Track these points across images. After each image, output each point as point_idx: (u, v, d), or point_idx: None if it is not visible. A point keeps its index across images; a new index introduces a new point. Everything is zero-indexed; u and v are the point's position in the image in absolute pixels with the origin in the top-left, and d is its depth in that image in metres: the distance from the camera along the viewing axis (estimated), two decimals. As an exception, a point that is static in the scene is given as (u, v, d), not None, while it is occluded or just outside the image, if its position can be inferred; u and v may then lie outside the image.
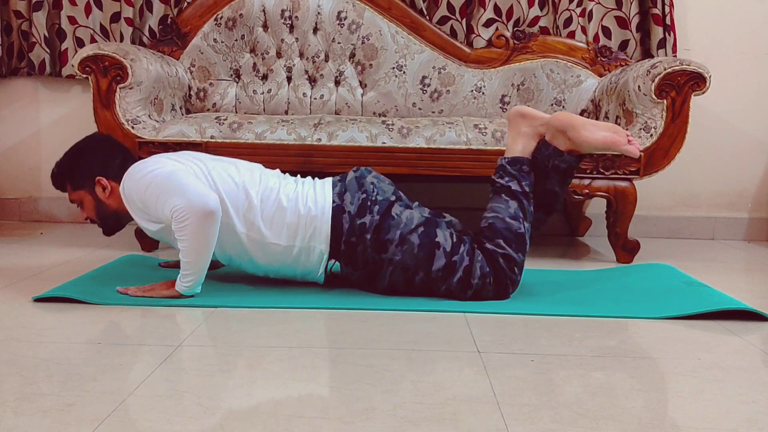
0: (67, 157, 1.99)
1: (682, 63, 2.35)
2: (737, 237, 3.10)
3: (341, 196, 1.86)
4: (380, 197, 1.86)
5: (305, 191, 1.88)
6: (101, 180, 1.93)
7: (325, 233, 1.84)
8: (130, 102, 2.43)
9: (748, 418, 1.16)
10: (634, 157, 1.92)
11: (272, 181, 1.90)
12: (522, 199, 1.88)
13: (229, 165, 1.91)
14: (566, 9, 2.90)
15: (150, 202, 1.79)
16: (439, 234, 1.84)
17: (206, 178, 1.83)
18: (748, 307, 1.77)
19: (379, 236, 1.83)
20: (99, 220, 1.99)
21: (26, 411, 1.13)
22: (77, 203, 1.99)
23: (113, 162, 1.96)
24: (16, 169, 3.18)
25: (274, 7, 2.83)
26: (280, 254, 1.86)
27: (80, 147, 2.00)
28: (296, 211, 1.84)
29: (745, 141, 3.07)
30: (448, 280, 1.83)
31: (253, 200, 1.84)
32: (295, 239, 1.84)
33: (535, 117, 1.92)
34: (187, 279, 1.79)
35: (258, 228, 1.83)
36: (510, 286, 1.85)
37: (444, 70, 2.86)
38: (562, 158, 1.88)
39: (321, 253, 1.86)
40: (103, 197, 1.94)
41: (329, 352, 1.46)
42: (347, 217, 1.83)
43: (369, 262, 1.85)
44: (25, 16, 3.01)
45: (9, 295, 1.85)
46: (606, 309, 1.79)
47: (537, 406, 1.19)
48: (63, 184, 1.99)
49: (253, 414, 1.14)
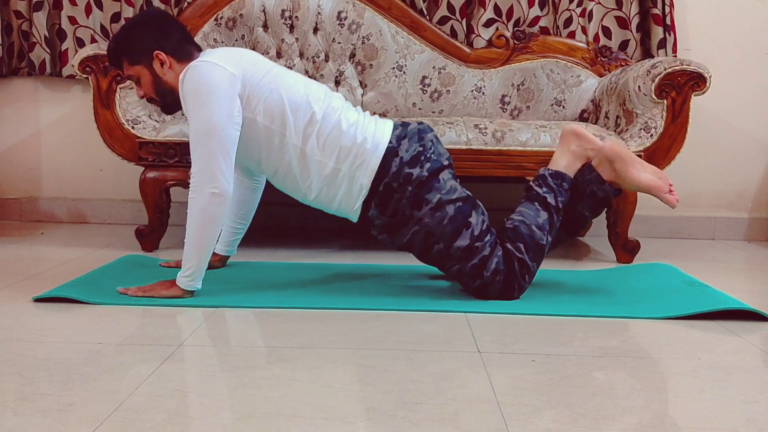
0: (123, 32, 1.91)
1: (682, 63, 2.35)
2: (737, 237, 3.10)
3: (399, 140, 1.85)
4: (434, 156, 1.85)
5: (366, 122, 1.88)
6: (159, 54, 1.88)
7: (372, 168, 1.82)
8: (130, 102, 2.43)
9: (748, 418, 1.16)
10: (672, 207, 1.94)
11: (336, 102, 1.90)
12: (553, 213, 1.89)
13: (298, 76, 1.92)
14: (566, 9, 2.90)
15: (188, 118, 1.81)
16: (474, 216, 1.84)
17: (271, 82, 1.83)
18: (748, 307, 1.77)
19: (420, 193, 1.82)
20: (158, 96, 1.94)
21: (26, 411, 1.13)
22: (134, 80, 1.94)
23: (171, 37, 1.90)
24: (16, 169, 3.18)
25: (274, 7, 2.83)
26: (325, 176, 1.85)
27: (137, 22, 1.94)
28: (353, 138, 1.83)
29: (745, 141, 3.07)
30: (463, 262, 1.82)
31: (315, 115, 1.83)
32: (343, 163, 1.83)
33: (588, 140, 1.93)
34: (187, 269, 1.78)
35: (312, 143, 1.83)
36: (516, 290, 1.85)
37: (444, 70, 2.86)
38: (602, 187, 1.91)
39: (361, 188, 1.84)
40: (160, 73, 1.89)
41: (330, 352, 1.46)
42: (397, 162, 1.82)
43: (398, 213, 1.84)
44: (25, 16, 3.01)
45: (9, 295, 1.85)
46: (606, 309, 1.79)
47: (537, 406, 1.19)
48: (119, 60, 1.92)
49: (253, 414, 1.14)
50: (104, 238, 2.74)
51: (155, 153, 2.41)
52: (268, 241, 2.69)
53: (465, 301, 1.84)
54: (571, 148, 1.94)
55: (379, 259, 2.41)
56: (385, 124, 1.90)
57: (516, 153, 2.38)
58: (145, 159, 2.41)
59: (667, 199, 1.88)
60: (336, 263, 2.33)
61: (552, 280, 2.09)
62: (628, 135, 2.42)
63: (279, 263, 2.31)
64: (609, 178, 1.90)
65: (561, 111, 2.82)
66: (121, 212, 3.15)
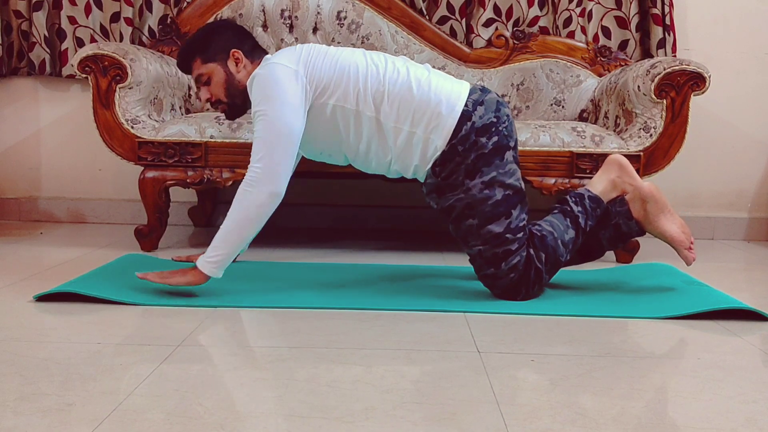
0: (200, 32, 1.97)
1: (682, 63, 2.35)
2: (737, 237, 3.10)
3: (475, 105, 1.84)
4: (505, 132, 1.85)
5: (440, 82, 1.87)
6: (236, 53, 1.92)
7: (448, 130, 1.82)
8: (130, 102, 2.43)
9: (747, 418, 1.17)
10: (687, 265, 1.96)
11: (400, 64, 1.90)
12: (580, 234, 1.90)
13: (355, 50, 1.93)
14: (566, 9, 2.90)
15: (254, 118, 1.82)
16: (517, 209, 1.83)
17: (333, 64, 1.85)
18: (748, 306, 1.77)
19: (478, 163, 1.81)
20: (228, 98, 1.96)
21: (26, 411, 1.13)
22: (204, 79, 1.95)
23: (246, 42, 1.96)
24: (16, 169, 3.18)
25: (274, 7, 2.83)
26: (402, 141, 1.84)
27: (213, 25, 2.00)
28: (427, 100, 1.83)
29: (745, 141, 3.07)
30: (487, 245, 1.82)
31: (382, 82, 1.84)
32: (418, 126, 1.83)
33: (629, 174, 1.95)
34: (217, 255, 1.78)
35: (386, 111, 1.83)
36: (522, 294, 1.85)
37: (444, 69, 2.85)
38: (628, 222, 1.93)
39: (435, 149, 1.83)
40: (235, 72, 1.93)
41: (329, 351, 1.46)
42: (468, 126, 1.81)
43: (452, 177, 1.83)
44: (25, 15, 3.00)
45: (9, 295, 1.85)
46: (606, 309, 1.80)
47: (537, 406, 1.19)
48: (192, 58, 1.95)
49: (253, 414, 1.14)
50: (103, 238, 2.74)
51: (155, 153, 2.41)
52: (268, 241, 2.69)
53: (464, 302, 1.84)
54: (612, 177, 1.96)
55: (379, 259, 2.41)
56: (461, 85, 1.89)
57: (516, 153, 2.38)
58: (144, 159, 2.41)
59: (685, 255, 1.93)
60: (336, 263, 2.33)
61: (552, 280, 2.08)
62: (627, 135, 2.42)
63: (279, 263, 2.31)
64: (637, 217, 1.92)
65: (560, 111, 2.82)
66: (120, 212, 3.15)
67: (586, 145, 2.39)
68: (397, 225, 3.13)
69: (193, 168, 2.41)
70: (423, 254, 2.54)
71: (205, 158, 2.39)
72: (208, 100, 1.97)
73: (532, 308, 1.79)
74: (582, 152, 2.38)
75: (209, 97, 1.96)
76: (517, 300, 1.85)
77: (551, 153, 2.38)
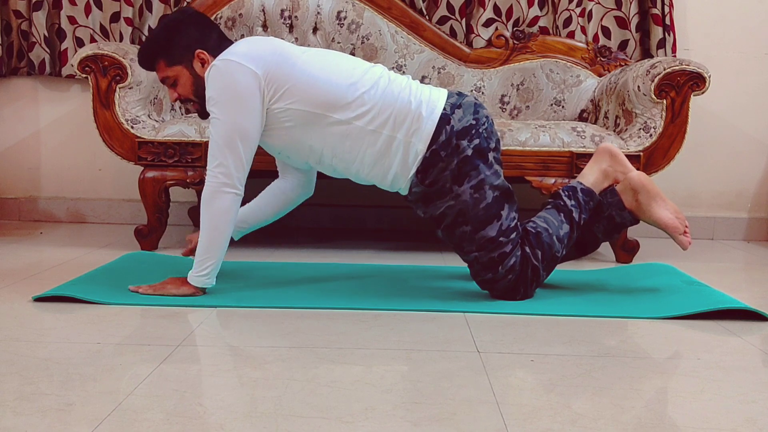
0: (161, 31, 1.86)
1: (682, 63, 2.35)
2: (737, 237, 3.10)
3: (453, 108, 1.81)
4: (485, 134, 1.82)
5: (419, 88, 1.84)
6: (201, 53, 1.84)
7: (428, 133, 1.78)
8: (130, 102, 2.43)
9: (747, 418, 1.17)
10: (683, 249, 1.95)
11: (380, 70, 1.86)
12: (575, 228, 1.89)
13: (336, 54, 1.88)
14: (566, 9, 2.90)
15: (212, 117, 1.77)
16: (506, 209, 1.82)
17: (304, 67, 1.79)
18: (748, 306, 1.77)
19: (463, 168, 1.78)
20: (197, 98, 1.89)
21: (26, 411, 1.13)
22: (170, 81, 1.89)
23: (211, 36, 1.87)
24: (15, 169, 3.18)
25: (274, 7, 2.83)
26: (379, 146, 1.80)
27: (174, 20, 1.87)
28: (407, 103, 1.79)
29: (745, 141, 3.07)
30: (483, 251, 1.81)
31: (359, 88, 1.79)
32: (398, 131, 1.79)
33: (621, 163, 1.95)
34: (205, 267, 1.78)
35: (363, 116, 1.78)
36: (521, 294, 1.85)
37: (444, 69, 2.86)
38: (621, 213, 1.92)
39: (417, 154, 1.79)
40: (201, 73, 1.85)
41: (328, 351, 1.46)
42: (448, 130, 1.79)
43: (437, 184, 1.80)
44: (24, 15, 3.00)
45: (8, 295, 1.85)
46: (606, 309, 1.79)
47: (536, 406, 1.19)
48: (154, 61, 1.87)
49: (253, 414, 1.14)
50: (103, 238, 2.74)
51: (154, 153, 2.41)
52: (269, 241, 2.69)
53: (464, 302, 1.84)
54: (603, 166, 1.95)
55: (379, 259, 2.41)
56: (440, 91, 1.87)
57: (515, 153, 2.38)
58: (144, 159, 2.42)
59: (680, 240, 1.91)
60: (336, 263, 2.33)
61: (551, 279, 2.08)
62: (627, 135, 2.42)
63: (278, 263, 2.31)
64: (629, 206, 1.92)
65: (560, 111, 2.82)
66: (120, 212, 3.15)
67: (586, 145, 2.39)
68: (396, 225, 3.13)
69: (193, 168, 2.41)
70: (423, 254, 2.54)
71: (205, 158, 2.39)
72: (177, 100, 1.92)
73: (531, 308, 1.79)
74: (582, 152, 2.37)
75: (177, 96, 1.91)
76: (516, 299, 1.85)
77: (551, 153, 2.38)
